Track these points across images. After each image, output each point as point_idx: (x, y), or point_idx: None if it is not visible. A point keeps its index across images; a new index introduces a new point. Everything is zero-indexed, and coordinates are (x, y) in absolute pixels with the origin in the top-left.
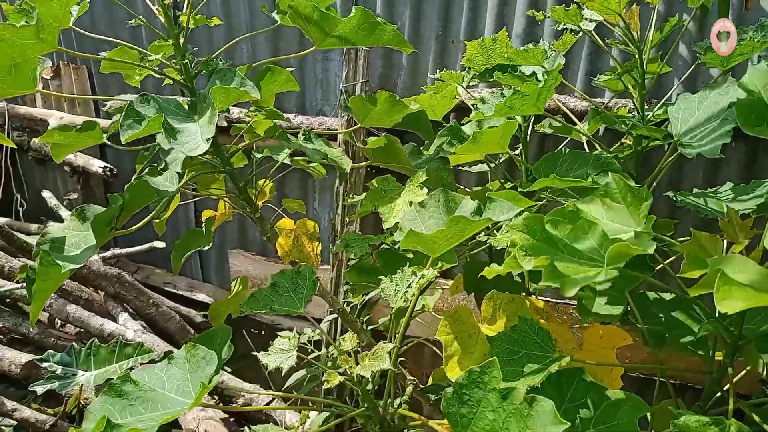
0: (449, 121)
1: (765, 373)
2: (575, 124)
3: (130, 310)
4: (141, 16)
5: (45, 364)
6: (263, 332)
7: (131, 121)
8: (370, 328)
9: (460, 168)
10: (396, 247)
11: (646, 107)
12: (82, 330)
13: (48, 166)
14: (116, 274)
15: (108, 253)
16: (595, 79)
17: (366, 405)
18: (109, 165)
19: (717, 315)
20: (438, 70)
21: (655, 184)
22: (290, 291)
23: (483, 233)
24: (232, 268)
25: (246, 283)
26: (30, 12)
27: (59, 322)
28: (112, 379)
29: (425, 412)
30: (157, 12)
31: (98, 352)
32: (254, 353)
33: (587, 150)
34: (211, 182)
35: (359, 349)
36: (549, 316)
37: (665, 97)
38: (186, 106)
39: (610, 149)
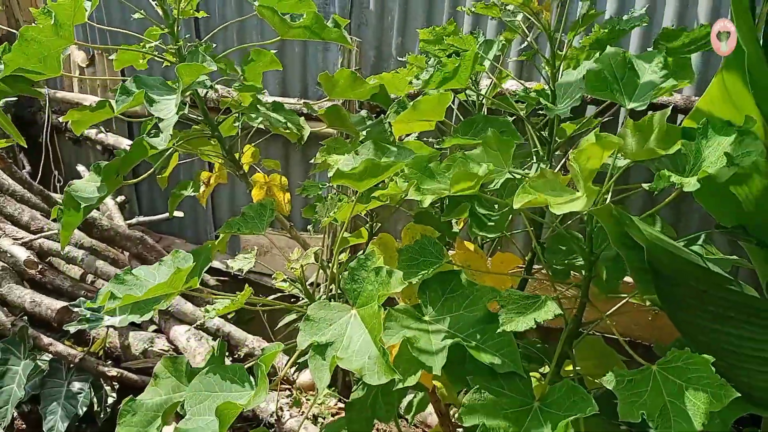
0: None
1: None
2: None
3: None
4: (142, 11)
5: (77, 309)
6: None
7: (123, 96)
8: None
9: None
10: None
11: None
12: None
13: (83, 146)
14: (139, 237)
15: (133, 221)
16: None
17: (306, 299)
18: None
19: (585, 242)
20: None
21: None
22: (255, 219)
23: None
24: (242, 237)
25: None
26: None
27: (90, 278)
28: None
29: None
30: (155, 5)
31: None
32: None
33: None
34: (204, 145)
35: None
36: (480, 254)
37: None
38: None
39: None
